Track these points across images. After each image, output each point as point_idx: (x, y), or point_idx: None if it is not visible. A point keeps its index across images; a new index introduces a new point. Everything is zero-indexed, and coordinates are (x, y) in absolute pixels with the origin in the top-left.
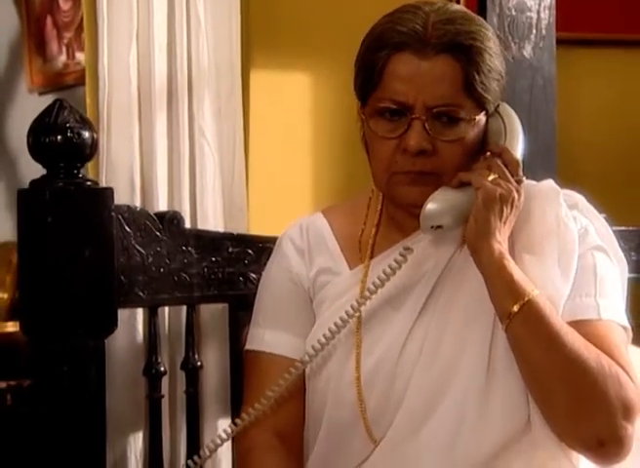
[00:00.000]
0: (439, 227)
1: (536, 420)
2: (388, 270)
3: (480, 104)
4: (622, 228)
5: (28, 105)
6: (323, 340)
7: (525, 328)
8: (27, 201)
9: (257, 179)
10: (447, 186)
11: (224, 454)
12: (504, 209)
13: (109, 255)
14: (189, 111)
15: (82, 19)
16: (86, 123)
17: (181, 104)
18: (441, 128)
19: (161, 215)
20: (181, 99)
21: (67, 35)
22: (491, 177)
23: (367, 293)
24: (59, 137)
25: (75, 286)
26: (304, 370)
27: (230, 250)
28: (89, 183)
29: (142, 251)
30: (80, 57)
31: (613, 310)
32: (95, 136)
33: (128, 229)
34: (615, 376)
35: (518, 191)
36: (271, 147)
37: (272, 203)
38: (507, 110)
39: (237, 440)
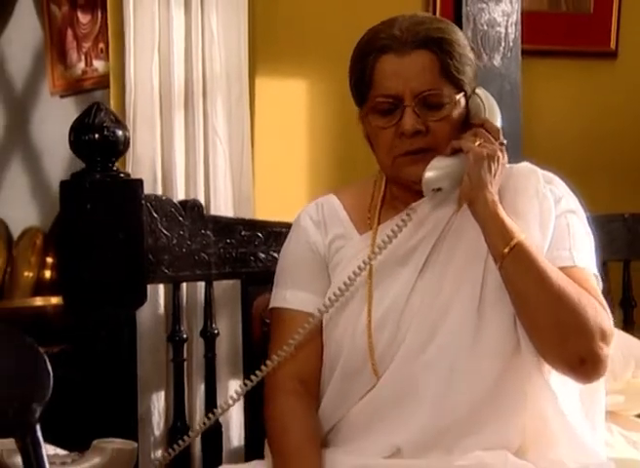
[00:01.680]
0: (439, 190)
1: (523, 345)
2: (395, 228)
3: (458, 87)
4: None
5: (50, 107)
6: (338, 292)
7: (516, 265)
8: (69, 191)
9: (261, 172)
10: (441, 155)
11: (236, 409)
12: (492, 165)
13: (139, 238)
14: (204, 112)
15: (99, 31)
16: (119, 123)
17: (197, 106)
18: (428, 110)
19: (183, 203)
20: (197, 102)
21: (86, 45)
22: (477, 142)
23: (377, 250)
24: (96, 136)
25: (110, 264)
26: (322, 323)
27: (242, 233)
28: (122, 175)
29: (168, 234)
30: (97, 64)
31: (585, 260)
32: (127, 134)
33: (155, 215)
34: (592, 305)
35: (502, 151)
36: (274, 144)
37: (275, 192)
38: (484, 92)
39: (264, 384)
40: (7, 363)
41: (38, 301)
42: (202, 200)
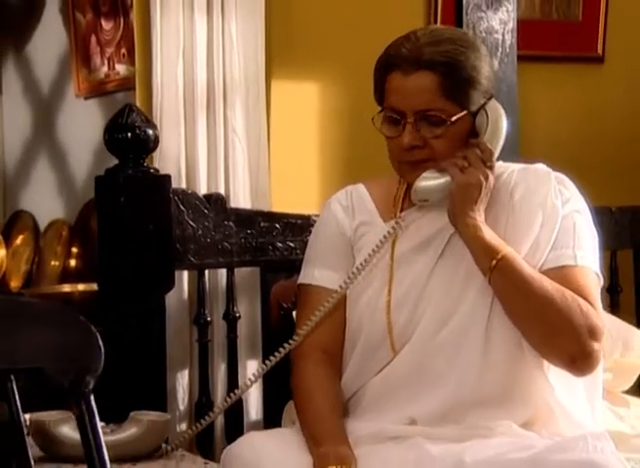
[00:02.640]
0: (426, 201)
1: (524, 342)
2: (387, 234)
3: (461, 105)
4: None
5: (75, 108)
6: (360, 266)
7: (502, 279)
8: (104, 185)
9: (277, 168)
10: (434, 168)
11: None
12: (474, 192)
13: (168, 229)
14: (224, 114)
15: (121, 37)
16: (150, 122)
17: (218, 108)
18: (428, 126)
19: (208, 197)
20: (218, 104)
21: (109, 50)
22: (464, 165)
23: (396, 225)
24: (129, 134)
25: (142, 253)
26: (345, 299)
27: (262, 224)
28: (152, 171)
29: (193, 225)
30: (119, 68)
31: (588, 259)
32: (157, 133)
33: (182, 208)
34: (576, 307)
35: (487, 176)
36: (289, 143)
37: (289, 186)
38: (494, 107)
39: (292, 353)
40: (63, 339)
41: (66, 288)
42: (222, 193)
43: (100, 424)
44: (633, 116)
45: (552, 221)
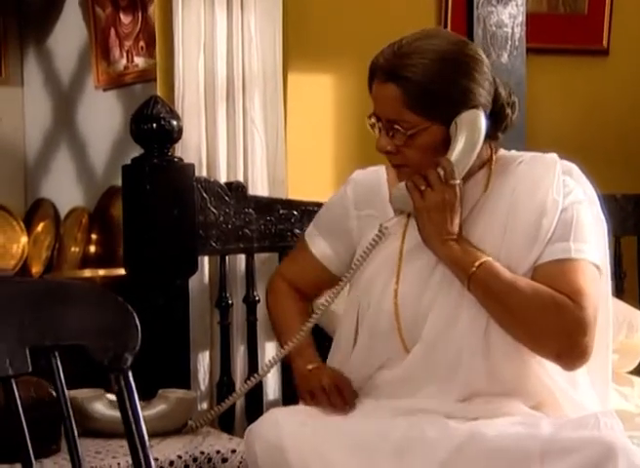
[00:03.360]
0: (402, 211)
1: None
2: (372, 243)
3: (426, 118)
4: None
5: (95, 99)
6: (363, 254)
7: (479, 290)
8: (131, 173)
9: (294, 157)
10: (418, 176)
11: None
12: (434, 216)
13: (191, 215)
14: (243, 105)
15: (139, 30)
16: (174, 114)
17: (237, 100)
18: (397, 134)
19: (229, 185)
20: (237, 96)
21: (127, 43)
22: (423, 188)
23: (353, 267)
24: (154, 125)
25: (167, 238)
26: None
27: (281, 211)
28: (176, 160)
29: (215, 211)
30: (137, 60)
31: (585, 252)
32: (180, 123)
33: (205, 195)
34: (552, 307)
35: (447, 194)
36: (304, 133)
37: (305, 175)
38: (467, 119)
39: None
40: (104, 319)
41: (87, 273)
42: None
43: None
44: (637, 107)
45: (551, 216)
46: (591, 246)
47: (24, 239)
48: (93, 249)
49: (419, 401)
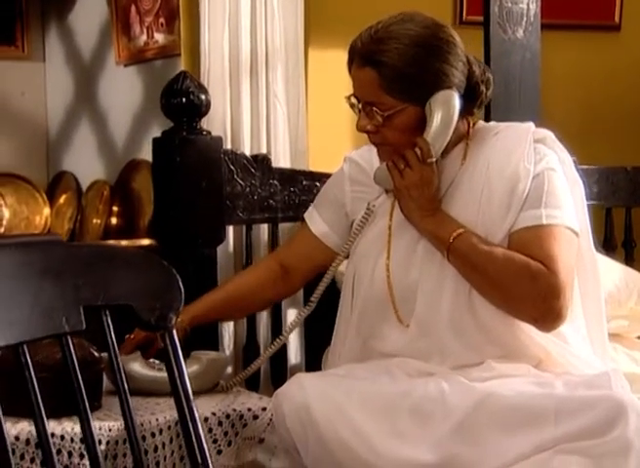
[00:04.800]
0: (386, 190)
1: None
2: (360, 223)
3: (400, 100)
4: (585, 166)
5: (115, 74)
6: (355, 231)
7: (457, 260)
8: (161, 146)
9: (315, 130)
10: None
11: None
12: (414, 193)
13: (219, 186)
14: (266, 79)
15: (160, 7)
16: (202, 88)
17: (261, 74)
18: (375, 115)
19: (255, 157)
20: (261, 70)
21: (148, 20)
22: (401, 167)
23: (367, 211)
24: (183, 99)
25: (196, 208)
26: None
27: (304, 182)
28: (205, 133)
29: (242, 183)
30: (157, 36)
31: (558, 217)
32: (208, 97)
33: (232, 167)
34: (526, 273)
35: (425, 172)
36: (325, 106)
37: (326, 147)
38: (439, 101)
39: None
40: (150, 280)
41: (110, 243)
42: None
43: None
44: None
45: (522, 184)
46: (564, 210)
47: (47, 211)
48: (114, 220)
49: (431, 366)
